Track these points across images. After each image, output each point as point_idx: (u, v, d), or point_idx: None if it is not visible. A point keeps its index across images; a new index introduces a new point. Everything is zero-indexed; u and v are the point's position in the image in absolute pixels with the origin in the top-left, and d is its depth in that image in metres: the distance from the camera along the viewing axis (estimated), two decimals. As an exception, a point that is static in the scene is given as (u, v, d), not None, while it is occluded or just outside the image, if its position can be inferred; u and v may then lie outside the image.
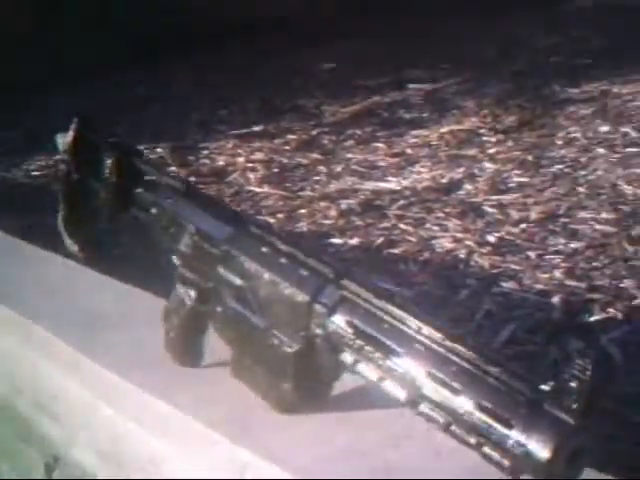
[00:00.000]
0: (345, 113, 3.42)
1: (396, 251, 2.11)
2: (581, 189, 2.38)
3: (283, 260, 0.99)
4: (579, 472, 0.76)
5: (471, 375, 0.80)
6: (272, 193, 2.64)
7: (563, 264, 1.92)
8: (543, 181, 2.48)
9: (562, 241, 2.05)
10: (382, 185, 2.62)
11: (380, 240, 2.18)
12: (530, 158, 2.66)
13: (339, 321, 0.91)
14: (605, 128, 2.83)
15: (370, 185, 2.62)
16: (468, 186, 2.52)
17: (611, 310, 1.64)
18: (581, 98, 3.13)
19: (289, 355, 0.97)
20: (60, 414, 1.28)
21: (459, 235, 2.14)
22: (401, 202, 2.43)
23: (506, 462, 0.77)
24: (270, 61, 4.17)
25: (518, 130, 2.93)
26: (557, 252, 1.99)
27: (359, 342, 0.89)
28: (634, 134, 2.74)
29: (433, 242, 2.13)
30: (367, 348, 0.88)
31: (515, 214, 2.26)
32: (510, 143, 2.81)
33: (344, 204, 2.47)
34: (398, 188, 2.56)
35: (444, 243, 2.12)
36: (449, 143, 2.91)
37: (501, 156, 2.71)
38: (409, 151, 2.90)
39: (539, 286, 1.80)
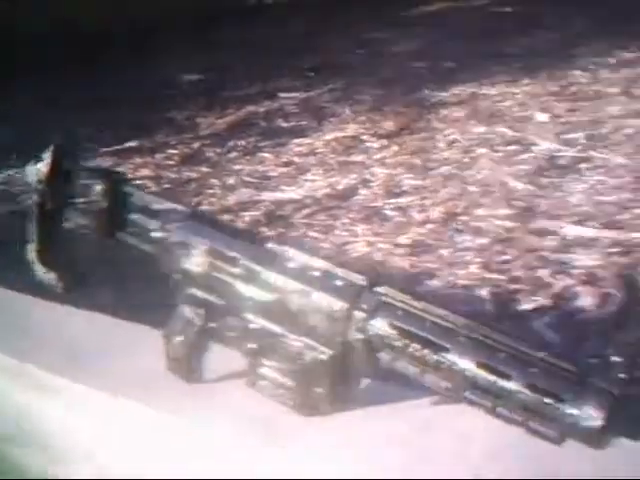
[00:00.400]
0: (222, 124, 3.51)
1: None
2: (473, 188, 2.57)
3: (314, 273, 1.08)
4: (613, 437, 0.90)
5: (518, 360, 0.93)
6: (170, 209, 2.69)
7: (477, 259, 2.09)
8: (435, 182, 2.66)
9: (468, 238, 2.23)
10: (280, 195, 2.72)
11: (296, 249, 2.29)
12: (417, 161, 2.84)
13: (380, 324, 1.02)
14: (481, 129, 3.05)
15: (268, 195, 2.72)
16: (364, 191, 2.66)
17: (537, 298, 1.82)
18: (452, 101, 3.35)
19: (324, 361, 1.07)
20: (53, 447, 1.31)
21: (371, 239, 2.28)
22: (305, 211, 2.55)
23: (553, 433, 0.90)
24: (129, 75, 4.19)
25: (398, 135, 3.11)
26: (467, 249, 2.16)
27: (404, 341, 1.00)
28: (510, 133, 2.97)
29: (347, 247, 2.26)
30: (413, 345, 0.99)
31: (417, 216, 2.42)
32: (395, 147, 2.98)
33: (248, 216, 2.56)
34: (297, 197, 2.68)
35: (358, 247, 2.25)
36: (335, 150, 3.05)
37: (389, 160, 2.88)
38: (297, 160, 3.02)
39: (462, 281, 1.96)
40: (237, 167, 3.02)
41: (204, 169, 3.02)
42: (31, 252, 1.41)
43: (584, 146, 2.78)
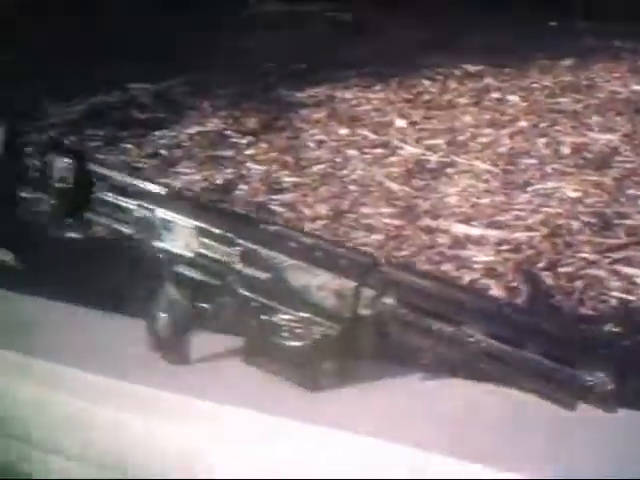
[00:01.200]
0: (72, 113, 3.47)
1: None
2: (352, 187, 2.73)
3: (318, 252, 1.17)
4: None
5: (530, 330, 1.07)
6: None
7: (377, 254, 2.23)
8: (313, 180, 2.79)
9: (363, 234, 2.37)
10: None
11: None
12: (289, 159, 2.96)
13: (391, 300, 1.13)
14: (344, 131, 3.21)
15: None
16: (244, 186, 2.75)
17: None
18: (310, 102, 3.49)
19: (332, 336, 1.16)
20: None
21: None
22: (190, 202, 2.60)
23: (566, 398, 1.05)
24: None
25: (262, 132, 3.22)
26: (365, 244, 2.30)
27: (415, 316, 1.11)
28: (373, 136, 3.15)
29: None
30: (426, 320, 1.10)
31: (306, 211, 2.54)
32: (264, 145, 3.08)
33: (130, 206, 2.58)
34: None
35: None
36: (201, 144, 3.11)
37: (261, 157, 2.98)
38: (164, 152, 3.05)
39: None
40: (101, 157, 3.01)
41: (65, 157, 2.99)
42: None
43: (446, 152, 3.00)
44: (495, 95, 3.50)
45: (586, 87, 3.55)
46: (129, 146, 3.10)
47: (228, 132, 3.21)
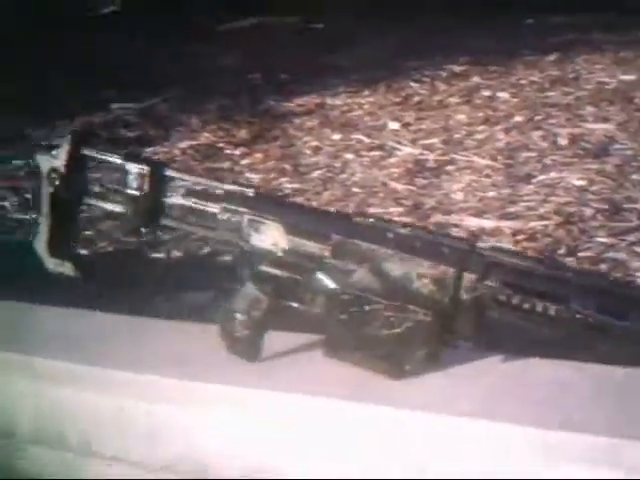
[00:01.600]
0: (57, 136, 3.45)
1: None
2: (355, 189, 2.74)
3: (416, 242, 1.18)
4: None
5: (634, 300, 1.08)
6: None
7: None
8: (314, 186, 2.80)
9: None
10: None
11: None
12: (288, 167, 2.97)
13: (493, 283, 1.13)
14: (338, 136, 3.23)
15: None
16: (246, 195, 2.75)
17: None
18: (301, 111, 3.51)
19: (426, 322, 1.16)
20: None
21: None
22: (195, 214, 2.60)
23: None
24: None
25: (254, 142, 3.23)
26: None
27: (520, 297, 1.12)
28: (367, 140, 3.17)
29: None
30: (530, 300, 1.11)
31: (313, 215, 2.55)
32: (259, 154, 3.09)
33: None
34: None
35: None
36: (195, 158, 3.11)
37: (259, 167, 2.99)
38: (159, 168, 3.05)
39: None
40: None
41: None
42: (42, 244, 1.41)
43: (444, 150, 3.02)
44: (485, 93, 3.53)
45: (572, 80, 3.60)
46: (122, 164, 3.09)
47: (220, 145, 3.21)
